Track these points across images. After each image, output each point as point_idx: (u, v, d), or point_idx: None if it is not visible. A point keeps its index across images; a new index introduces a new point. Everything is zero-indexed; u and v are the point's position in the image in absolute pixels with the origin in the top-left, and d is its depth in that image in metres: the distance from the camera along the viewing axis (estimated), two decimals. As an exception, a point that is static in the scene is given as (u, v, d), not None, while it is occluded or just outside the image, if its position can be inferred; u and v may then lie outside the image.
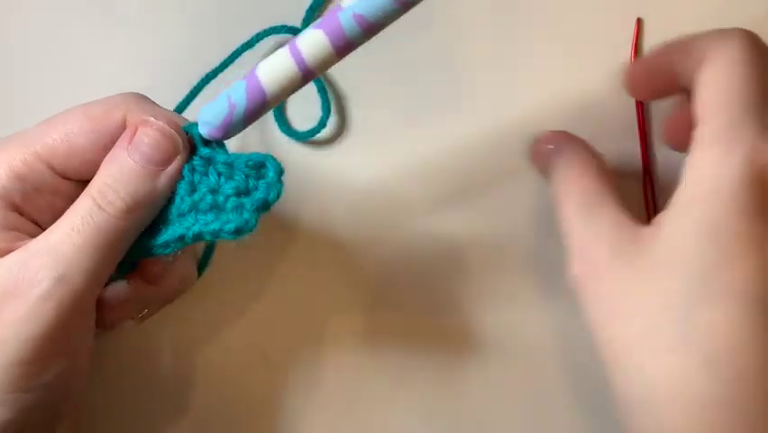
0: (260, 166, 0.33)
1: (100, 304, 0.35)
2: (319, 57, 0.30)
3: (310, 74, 0.31)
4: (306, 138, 0.43)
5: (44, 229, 0.34)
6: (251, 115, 0.33)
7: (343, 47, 0.30)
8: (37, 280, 0.31)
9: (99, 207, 0.32)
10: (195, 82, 0.42)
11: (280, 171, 0.33)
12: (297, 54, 0.30)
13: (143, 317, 0.38)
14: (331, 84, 0.43)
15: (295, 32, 0.42)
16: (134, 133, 0.33)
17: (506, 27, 0.43)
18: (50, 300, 0.31)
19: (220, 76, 0.42)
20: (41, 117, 0.43)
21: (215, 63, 0.42)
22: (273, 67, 0.31)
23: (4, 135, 0.43)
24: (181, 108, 0.42)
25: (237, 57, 0.42)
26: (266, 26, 0.42)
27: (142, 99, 0.35)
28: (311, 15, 0.43)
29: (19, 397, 0.31)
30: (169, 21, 0.44)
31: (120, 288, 0.36)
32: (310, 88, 0.42)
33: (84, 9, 0.44)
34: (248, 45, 0.42)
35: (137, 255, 0.35)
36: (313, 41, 0.30)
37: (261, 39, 0.42)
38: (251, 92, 0.32)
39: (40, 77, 0.44)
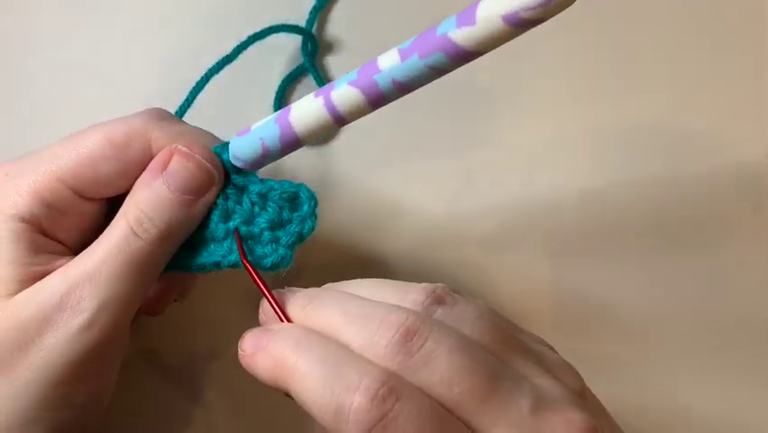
0: (294, 198, 0.35)
1: (150, 297, 0.37)
2: (355, 112, 0.31)
3: (344, 123, 0.32)
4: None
5: (69, 247, 0.35)
6: (283, 155, 0.34)
7: (378, 103, 0.31)
8: (80, 308, 0.32)
9: (135, 234, 0.33)
10: (197, 81, 0.41)
11: (315, 204, 0.34)
12: (332, 109, 0.31)
13: (184, 295, 0.40)
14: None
15: (299, 31, 0.42)
16: (168, 160, 0.34)
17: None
18: (91, 329, 0.32)
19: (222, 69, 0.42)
20: (44, 117, 0.43)
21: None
22: (308, 118, 0.32)
23: (5, 134, 0.43)
24: (190, 99, 0.41)
25: (243, 50, 0.41)
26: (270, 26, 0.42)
27: (164, 119, 0.35)
28: (315, 16, 0.43)
29: (54, 416, 0.33)
30: (172, 22, 0.43)
31: (162, 278, 0.37)
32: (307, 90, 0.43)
33: (86, 8, 0.43)
34: (254, 39, 0.41)
35: (172, 270, 0.36)
36: (349, 100, 0.31)
37: (267, 35, 0.42)
38: (285, 138, 0.33)
39: (41, 76, 0.43)
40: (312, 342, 0.29)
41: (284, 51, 0.43)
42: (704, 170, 0.44)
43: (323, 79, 0.43)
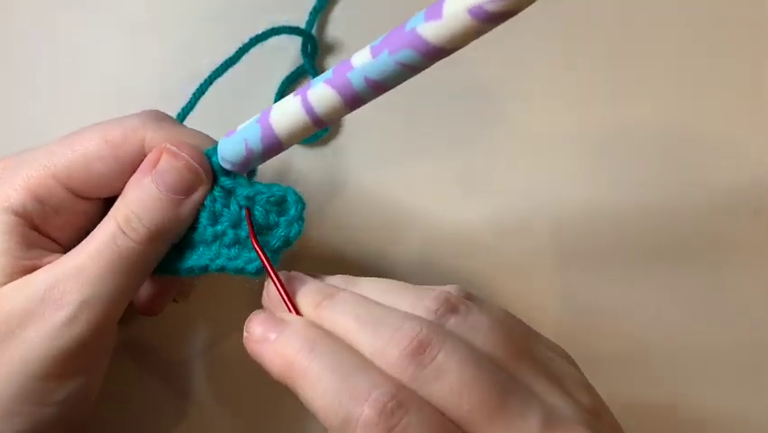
0: (281, 201, 0.34)
1: (145, 297, 0.37)
2: (331, 113, 0.31)
3: (323, 124, 0.32)
4: (309, 141, 0.43)
5: (62, 245, 0.35)
6: (267, 156, 0.34)
7: (354, 104, 0.30)
8: (63, 303, 0.32)
9: (123, 232, 0.33)
10: (196, 81, 0.41)
11: (302, 208, 0.34)
12: (309, 109, 0.31)
13: (185, 296, 0.41)
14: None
15: (299, 32, 0.42)
16: (158, 159, 0.34)
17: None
18: (74, 324, 0.32)
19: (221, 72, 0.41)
20: (44, 117, 0.44)
21: (217, 64, 0.41)
22: (286, 118, 0.32)
23: (5, 134, 0.43)
24: (193, 102, 0.41)
25: (245, 53, 0.41)
26: (269, 26, 0.42)
27: (161, 120, 0.35)
28: (315, 17, 0.43)
29: (36, 410, 0.33)
30: (171, 21, 0.44)
31: (158, 279, 0.37)
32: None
33: (86, 8, 0.44)
34: (256, 41, 0.41)
35: (163, 273, 0.36)
36: (325, 99, 0.30)
37: (268, 37, 0.41)
38: (266, 139, 0.33)
39: (41, 76, 0.44)
40: (325, 347, 0.29)
41: (284, 52, 0.43)
42: (703, 175, 0.43)
43: (323, 80, 0.43)
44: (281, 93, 0.43)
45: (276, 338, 0.30)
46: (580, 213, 0.43)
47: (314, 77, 0.43)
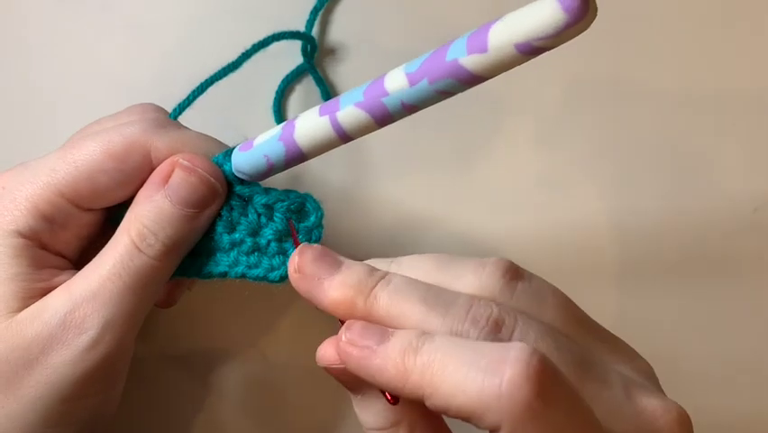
0: (300, 208, 0.34)
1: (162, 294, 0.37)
2: (361, 132, 0.31)
3: (349, 140, 0.32)
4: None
5: (70, 259, 0.35)
6: (286, 169, 0.34)
7: (386, 123, 0.31)
8: (84, 327, 0.32)
9: (138, 249, 0.33)
10: (196, 81, 0.40)
11: (321, 215, 0.34)
12: (339, 129, 0.31)
13: (193, 282, 0.40)
14: (334, 89, 0.44)
15: (299, 36, 0.42)
16: (169, 173, 0.33)
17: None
18: (97, 346, 0.32)
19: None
20: (42, 117, 0.42)
21: (217, 63, 0.40)
22: (314, 137, 0.32)
23: (5, 134, 0.42)
24: (191, 99, 0.40)
25: (247, 59, 0.40)
26: (268, 27, 0.41)
27: (162, 126, 0.35)
28: (315, 17, 0.42)
29: (61, 430, 0.33)
30: (171, 21, 0.43)
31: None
32: (313, 95, 0.43)
33: (86, 8, 0.43)
34: (258, 47, 0.40)
35: (179, 276, 0.36)
36: (357, 120, 0.30)
37: (270, 43, 0.41)
38: (290, 156, 0.33)
39: (40, 77, 0.43)
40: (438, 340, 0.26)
41: (284, 52, 0.43)
42: (703, 175, 0.44)
43: (322, 80, 0.43)
44: (281, 92, 0.42)
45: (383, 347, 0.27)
46: (587, 220, 0.44)
47: (314, 76, 0.43)
